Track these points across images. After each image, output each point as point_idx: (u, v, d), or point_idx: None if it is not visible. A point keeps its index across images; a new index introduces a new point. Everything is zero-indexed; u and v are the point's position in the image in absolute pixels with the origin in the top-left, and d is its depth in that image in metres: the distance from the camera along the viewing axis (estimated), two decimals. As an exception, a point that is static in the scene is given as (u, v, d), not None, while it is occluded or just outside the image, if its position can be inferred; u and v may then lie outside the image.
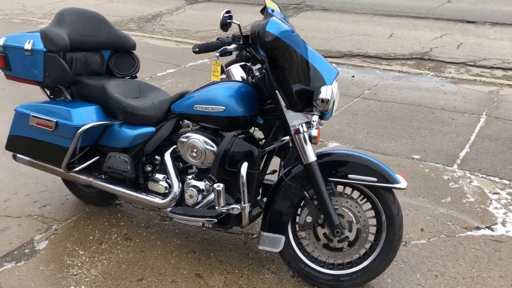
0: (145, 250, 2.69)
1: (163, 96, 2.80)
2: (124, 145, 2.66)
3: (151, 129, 2.63)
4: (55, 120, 2.65)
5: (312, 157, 2.23)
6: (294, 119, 2.22)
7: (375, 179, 2.23)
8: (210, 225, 2.40)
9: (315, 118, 2.17)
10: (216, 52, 2.10)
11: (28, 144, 2.81)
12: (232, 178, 2.25)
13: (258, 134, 2.49)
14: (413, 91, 5.31)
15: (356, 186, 2.31)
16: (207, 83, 2.49)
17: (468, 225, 2.87)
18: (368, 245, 2.37)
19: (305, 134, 2.20)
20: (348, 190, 2.35)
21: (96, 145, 2.77)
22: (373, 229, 2.35)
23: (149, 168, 2.71)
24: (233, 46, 2.14)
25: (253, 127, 2.50)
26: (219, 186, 2.21)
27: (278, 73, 2.12)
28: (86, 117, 2.65)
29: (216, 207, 2.26)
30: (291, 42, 2.08)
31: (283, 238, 2.34)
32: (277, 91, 2.15)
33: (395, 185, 2.23)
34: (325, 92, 2.10)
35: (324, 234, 2.34)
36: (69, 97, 2.87)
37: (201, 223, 2.39)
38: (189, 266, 2.55)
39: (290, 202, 2.32)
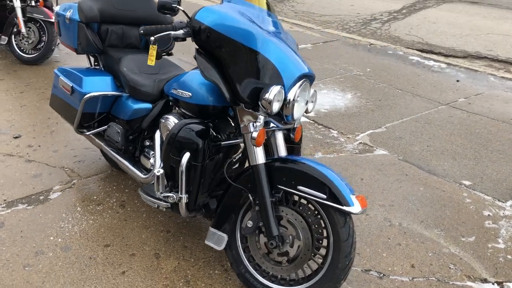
0: (128, 219, 2.82)
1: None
2: (126, 117, 2.79)
3: (148, 105, 2.70)
4: (71, 85, 2.88)
5: (259, 159, 2.08)
6: (246, 116, 2.08)
7: (324, 196, 1.99)
8: (164, 209, 2.40)
9: (260, 118, 2.01)
10: (152, 37, 2.05)
11: (58, 102, 3.11)
12: (176, 166, 2.21)
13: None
14: (520, 106, 4.49)
15: (309, 200, 2.09)
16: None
17: (473, 274, 2.39)
18: (315, 267, 2.14)
19: (254, 134, 2.05)
20: (304, 202, 2.14)
21: (109, 113, 2.96)
22: (323, 251, 2.11)
23: (147, 143, 2.80)
24: (180, 32, 2.06)
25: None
26: (159, 171, 2.20)
27: (219, 66, 1.99)
28: (95, 86, 2.83)
29: (156, 192, 2.25)
30: (228, 32, 1.92)
31: (226, 237, 2.24)
32: (218, 85, 2.03)
33: (344, 208, 1.96)
34: (270, 92, 1.92)
35: (265, 243, 2.18)
36: (101, 67, 3.10)
37: (156, 205, 2.41)
38: (154, 244, 2.61)
39: (235, 204, 2.21)
